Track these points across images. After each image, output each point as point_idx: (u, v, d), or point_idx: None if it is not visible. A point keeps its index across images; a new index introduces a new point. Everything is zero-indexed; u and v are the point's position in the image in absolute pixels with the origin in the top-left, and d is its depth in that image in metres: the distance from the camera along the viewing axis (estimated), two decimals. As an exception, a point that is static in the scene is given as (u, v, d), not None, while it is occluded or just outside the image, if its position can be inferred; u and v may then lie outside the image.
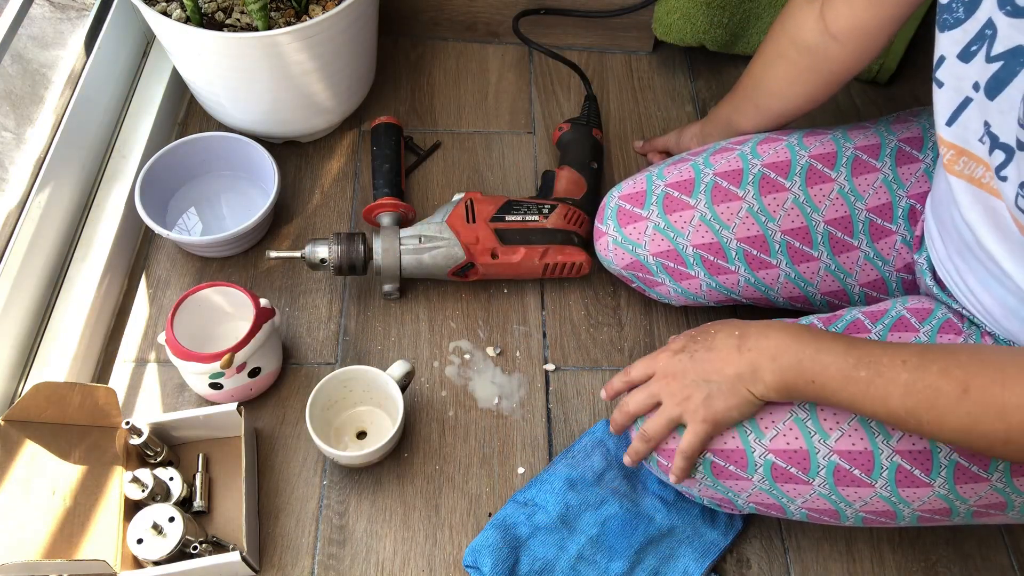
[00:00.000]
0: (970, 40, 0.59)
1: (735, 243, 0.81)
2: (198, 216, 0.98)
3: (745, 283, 0.83)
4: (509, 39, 1.20)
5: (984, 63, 0.58)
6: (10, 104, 0.96)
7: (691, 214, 0.81)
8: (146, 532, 0.71)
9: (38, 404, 0.72)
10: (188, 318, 0.82)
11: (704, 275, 0.83)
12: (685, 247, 0.82)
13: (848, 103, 1.19)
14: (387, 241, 0.89)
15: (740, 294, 0.85)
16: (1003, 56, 0.56)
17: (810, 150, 0.82)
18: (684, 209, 0.82)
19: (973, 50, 0.59)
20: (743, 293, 0.84)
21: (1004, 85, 0.56)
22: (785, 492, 0.69)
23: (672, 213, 0.82)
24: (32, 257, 0.85)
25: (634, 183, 0.86)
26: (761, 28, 1.13)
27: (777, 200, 0.80)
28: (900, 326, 0.71)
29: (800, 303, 0.85)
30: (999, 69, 0.56)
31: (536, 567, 0.76)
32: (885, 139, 0.82)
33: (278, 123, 1.00)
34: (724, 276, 0.82)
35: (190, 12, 0.89)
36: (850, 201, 0.80)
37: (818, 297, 0.84)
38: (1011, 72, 0.55)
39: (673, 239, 0.82)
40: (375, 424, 0.84)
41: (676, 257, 0.82)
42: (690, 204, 0.82)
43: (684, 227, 0.82)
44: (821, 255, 0.81)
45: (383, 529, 0.80)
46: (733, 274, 0.82)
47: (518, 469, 0.84)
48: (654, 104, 1.17)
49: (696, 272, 0.83)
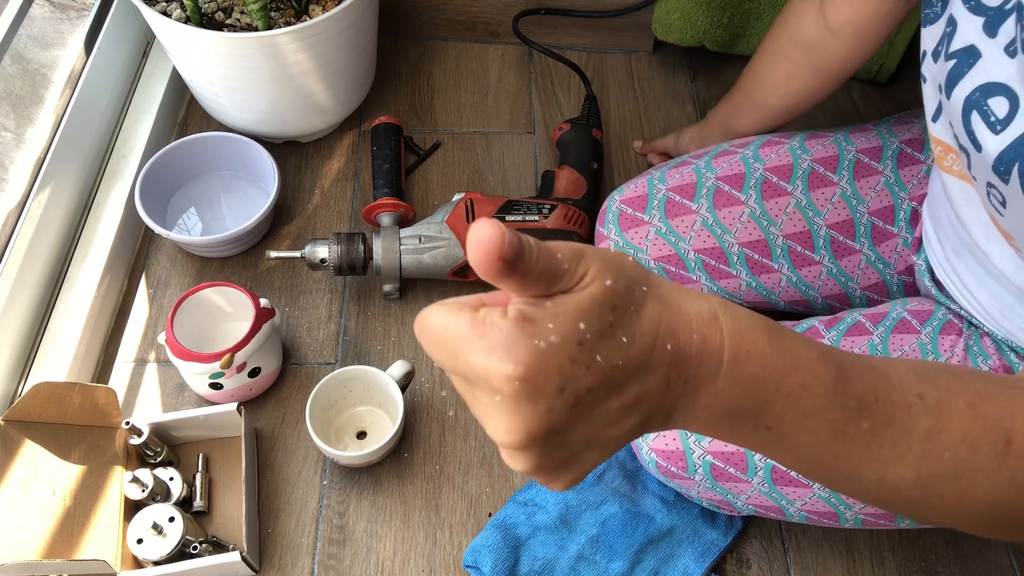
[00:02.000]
0: (939, 37, 0.58)
1: (737, 248, 0.81)
2: (198, 216, 0.98)
3: (747, 287, 0.83)
4: (509, 39, 1.20)
5: (944, 60, 0.57)
6: (10, 104, 0.96)
7: (693, 219, 0.81)
8: (146, 532, 0.71)
9: (38, 404, 0.72)
10: (188, 318, 0.82)
11: (706, 279, 0.83)
12: (687, 252, 0.82)
13: (848, 103, 1.19)
14: (387, 241, 0.89)
15: (741, 298, 0.84)
16: (957, 54, 0.55)
17: (812, 153, 0.82)
18: (686, 214, 0.82)
19: (939, 49, 0.58)
20: (744, 297, 0.84)
21: (953, 85, 0.55)
22: (784, 495, 0.69)
23: (674, 218, 0.82)
24: (32, 257, 0.85)
25: (635, 187, 0.86)
26: (761, 28, 1.13)
27: (779, 204, 0.80)
28: (901, 328, 0.70)
29: (801, 307, 0.85)
30: (952, 67, 0.55)
31: (536, 567, 0.76)
32: (887, 141, 0.82)
33: (278, 123, 1.00)
34: (726, 280, 0.82)
35: (190, 12, 0.89)
36: (852, 205, 0.80)
37: (819, 301, 0.84)
38: (960, 72, 0.54)
39: (675, 244, 0.82)
40: (375, 424, 0.84)
41: (678, 262, 0.82)
42: (692, 209, 0.82)
43: (686, 232, 0.82)
44: (823, 259, 0.81)
45: (383, 529, 0.80)
46: (735, 278, 0.82)
47: (518, 469, 0.84)
48: (654, 104, 1.17)
49: (698, 277, 0.83)
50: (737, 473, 0.69)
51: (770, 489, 0.69)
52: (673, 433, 0.70)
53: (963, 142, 0.55)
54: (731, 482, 0.69)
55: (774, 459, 0.37)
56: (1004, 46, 0.51)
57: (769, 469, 0.68)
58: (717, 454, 0.68)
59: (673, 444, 0.70)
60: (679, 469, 0.70)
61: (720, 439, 0.37)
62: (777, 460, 0.37)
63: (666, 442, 0.70)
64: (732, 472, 0.69)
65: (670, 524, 0.79)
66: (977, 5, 0.53)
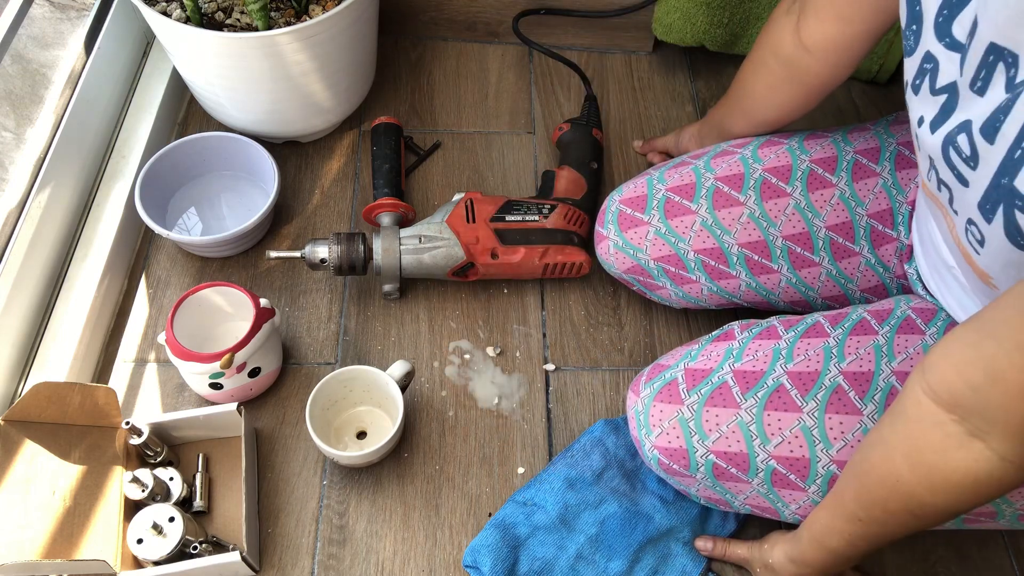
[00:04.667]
0: (915, 73, 0.58)
1: (736, 248, 0.81)
2: (198, 216, 0.98)
3: (746, 287, 0.83)
4: (509, 39, 1.20)
5: (929, 95, 0.56)
6: (10, 104, 0.96)
7: (692, 219, 0.81)
8: (146, 532, 0.71)
9: (38, 404, 0.72)
10: (188, 318, 0.82)
11: (705, 280, 0.83)
12: (686, 252, 0.82)
13: (848, 103, 1.19)
14: (387, 241, 0.89)
15: (741, 298, 0.85)
16: (947, 89, 0.55)
17: (811, 154, 0.82)
18: (685, 214, 0.82)
19: (917, 83, 0.58)
20: (744, 297, 0.84)
21: (942, 122, 0.55)
22: (781, 497, 0.69)
23: (673, 218, 0.82)
24: (32, 257, 0.85)
25: (635, 187, 0.86)
26: (761, 28, 1.13)
27: (778, 205, 0.80)
28: (906, 327, 0.70)
29: (801, 307, 0.85)
30: (946, 101, 0.55)
31: (535, 567, 0.76)
32: (885, 142, 0.82)
33: (278, 123, 1.00)
34: (725, 281, 0.82)
35: (190, 12, 0.89)
36: (851, 207, 0.80)
37: (819, 301, 0.84)
38: (948, 111, 0.54)
39: (674, 244, 0.82)
40: (375, 424, 0.84)
41: (677, 262, 0.82)
42: (691, 209, 0.82)
43: (685, 232, 0.82)
44: (822, 260, 0.81)
45: (383, 529, 0.80)
46: (734, 279, 0.82)
47: (518, 469, 0.84)
48: (654, 104, 1.17)
49: (697, 277, 0.83)
50: (739, 473, 0.69)
51: (768, 491, 0.69)
52: (677, 431, 0.70)
53: (944, 179, 0.55)
54: (731, 482, 0.69)
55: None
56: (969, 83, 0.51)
57: (770, 472, 0.68)
58: (720, 454, 0.69)
59: (677, 442, 0.70)
60: (681, 467, 0.70)
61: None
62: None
63: (669, 440, 0.70)
64: (734, 472, 0.69)
65: (669, 523, 0.79)
66: (953, 42, 0.53)
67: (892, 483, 0.55)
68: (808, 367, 0.69)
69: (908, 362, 0.68)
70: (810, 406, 0.67)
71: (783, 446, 0.67)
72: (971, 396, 0.49)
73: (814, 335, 0.71)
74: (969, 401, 0.49)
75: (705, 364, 0.72)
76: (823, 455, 0.66)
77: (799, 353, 0.70)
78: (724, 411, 0.69)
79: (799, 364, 0.69)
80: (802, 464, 0.67)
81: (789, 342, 0.71)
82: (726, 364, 0.71)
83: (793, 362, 0.70)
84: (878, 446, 0.57)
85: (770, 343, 0.72)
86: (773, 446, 0.67)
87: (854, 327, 0.71)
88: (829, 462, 0.66)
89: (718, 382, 0.70)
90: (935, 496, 0.53)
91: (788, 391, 0.68)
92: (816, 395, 0.68)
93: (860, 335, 0.71)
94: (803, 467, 0.67)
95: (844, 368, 0.68)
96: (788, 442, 0.67)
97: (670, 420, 0.70)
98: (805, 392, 0.68)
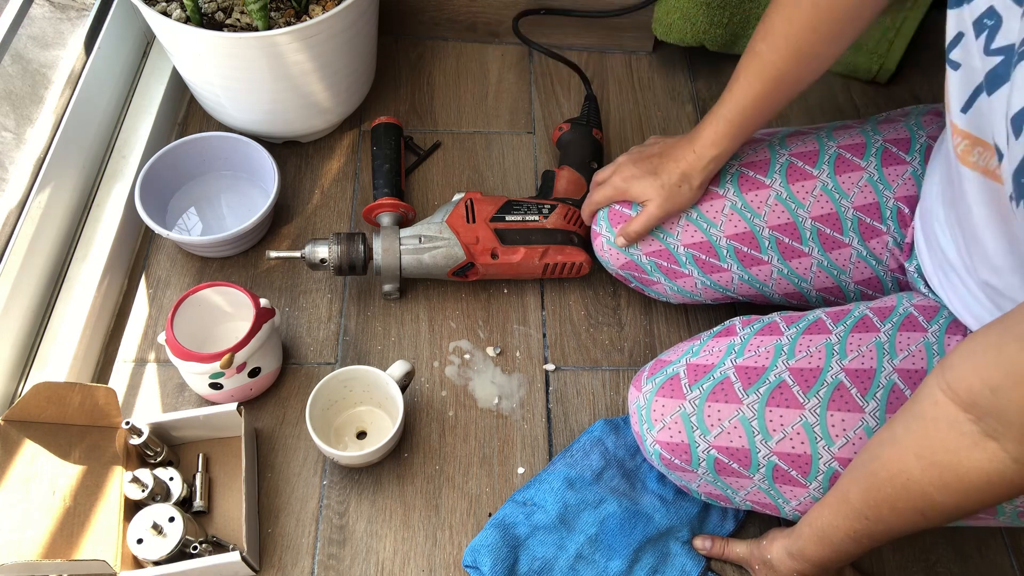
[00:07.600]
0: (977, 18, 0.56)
1: (724, 240, 0.81)
2: (198, 216, 0.98)
3: (739, 280, 0.83)
4: (509, 39, 1.20)
5: (983, 55, 0.55)
6: (10, 104, 0.96)
7: (680, 215, 0.82)
8: (146, 532, 0.71)
9: (38, 404, 0.72)
10: (188, 318, 0.82)
11: (698, 273, 0.83)
12: (676, 246, 0.82)
13: (848, 103, 1.19)
14: (387, 241, 0.89)
15: (736, 291, 0.85)
16: (1003, 51, 0.53)
17: (791, 148, 0.83)
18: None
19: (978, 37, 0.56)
20: (738, 290, 0.85)
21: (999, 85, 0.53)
22: (782, 493, 0.69)
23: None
24: (32, 257, 0.85)
25: None
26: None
27: (759, 197, 0.81)
28: (908, 325, 0.70)
29: (796, 299, 0.85)
30: (998, 65, 0.53)
31: (535, 566, 0.76)
32: (871, 139, 0.82)
33: (278, 123, 1.00)
34: (718, 274, 0.83)
35: (190, 12, 0.89)
36: (835, 198, 0.80)
37: (813, 294, 0.84)
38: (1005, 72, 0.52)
39: (663, 239, 0.83)
40: (375, 424, 0.84)
41: (668, 256, 0.83)
42: None
43: (672, 227, 0.82)
44: (812, 251, 0.81)
45: (383, 529, 0.80)
46: (726, 272, 0.83)
47: (518, 469, 0.84)
48: (654, 104, 1.17)
49: (689, 271, 0.83)
50: (740, 469, 0.69)
51: (769, 486, 0.69)
52: (679, 425, 0.70)
53: (998, 141, 0.53)
54: (733, 477, 0.70)
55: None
56: None
57: (771, 467, 0.68)
58: (722, 449, 0.69)
59: (678, 437, 0.70)
60: (683, 462, 0.70)
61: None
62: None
63: (671, 434, 0.70)
64: (735, 467, 0.69)
65: (669, 523, 0.79)
66: None
67: (902, 481, 0.55)
68: (810, 364, 0.69)
69: (910, 360, 0.68)
70: (812, 403, 0.68)
71: (785, 442, 0.67)
72: (989, 397, 0.48)
73: (816, 332, 0.71)
74: (987, 401, 0.49)
75: (707, 359, 0.72)
76: (825, 452, 0.66)
77: (801, 349, 0.70)
78: (726, 406, 0.69)
79: (801, 360, 0.69)
80: (803, 460, 0.67)
81: (791, 338, 0.71)
82: (728, 360, 0.71)
83: (795, 358, 0.70)
84: (888, 444, 0.57)
85: (772, 339, 0.72)
86: (775, 442, 0.67)
87: (856, 324, 0.72)
88: (831, 459, 0.66)
89: (720, 377, 0.70)
90: (945, 495, 0.53)
91: (790, 387, 0.68)
92: (818, 392, 0.68)
93: (862, 332, 0.71)
94: (804, 463, 0.67)
95: (846, 365, 0.69)
96: (790, 438, 0.67)
97: (672, 415, 0.70)
98: (807, 389, 0.68)
